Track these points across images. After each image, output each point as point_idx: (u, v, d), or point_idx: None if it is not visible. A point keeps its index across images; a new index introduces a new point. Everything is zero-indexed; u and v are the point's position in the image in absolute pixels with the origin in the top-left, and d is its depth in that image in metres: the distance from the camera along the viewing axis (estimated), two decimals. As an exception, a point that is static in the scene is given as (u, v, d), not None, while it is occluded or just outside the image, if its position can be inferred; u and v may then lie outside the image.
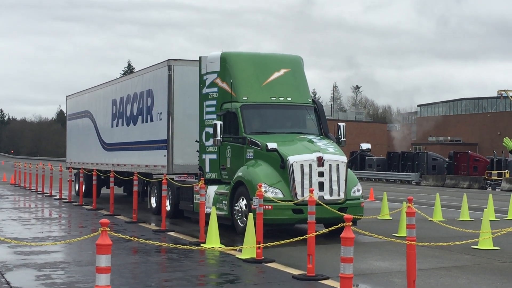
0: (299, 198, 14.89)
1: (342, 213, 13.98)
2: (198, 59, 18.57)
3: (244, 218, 15.49)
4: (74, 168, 30.08)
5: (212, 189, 17.22)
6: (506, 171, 49.75)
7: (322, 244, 14.22)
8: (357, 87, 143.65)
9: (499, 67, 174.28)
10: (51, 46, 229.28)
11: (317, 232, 10.74)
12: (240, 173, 16.02)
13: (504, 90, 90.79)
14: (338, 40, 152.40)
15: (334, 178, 15.38)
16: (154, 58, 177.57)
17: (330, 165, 15.36)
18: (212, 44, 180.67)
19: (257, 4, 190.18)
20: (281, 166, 15.33)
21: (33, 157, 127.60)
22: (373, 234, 11.63)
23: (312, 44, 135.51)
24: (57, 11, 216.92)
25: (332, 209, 13.72)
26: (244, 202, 15.69)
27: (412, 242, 9.73)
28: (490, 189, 45.76)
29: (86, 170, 26.85)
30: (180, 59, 20.44)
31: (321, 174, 15.28)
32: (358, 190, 16.04)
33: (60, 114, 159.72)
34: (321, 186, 15.26)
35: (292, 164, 15.17)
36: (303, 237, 10.60)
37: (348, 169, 15.90)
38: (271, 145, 15.24)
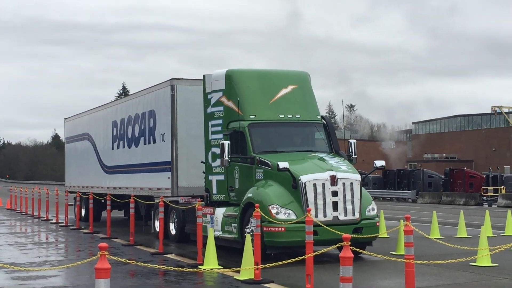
0: (313, 219, 14.52)
1: (357, 234, 13.87)
2: (201, 77, 18.13)
3: None
4: (70, 192, 29.94)
5: (220, 212, 16.66)
6: (502, 187, 49.82)
7: (321, 264, 14.19)
8: (352, 106, 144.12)
9: (490, 83, 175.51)
10: (41, 70, 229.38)
11: (315, 253, 10.72)
12: (250, 194, 15.44)
13: (498, 107, 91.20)
14: (328, 58, 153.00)
15: (348, 197, 14.90)
16: (146, 79, 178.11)
17: (343, 183, 14.88)
18: (203, 65, 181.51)
19: (245, 24, 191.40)
20: (293, 186, 14.82)
21: (29, 181, 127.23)
22: (371, 253, 11.62)
23: (302, 63, 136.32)
24: (45, 34, 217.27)
25: (346, 230, 13.62)
26: None
27: (410, 260, 9.74)
28: (487, 206, 45.76)
29: (86, 193, 26.56)
30: (183, 78, 20.01)
31: (334, 194, 14.80)
32: (373, 209, 15.55)
33: (55, 137, 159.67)
34: (335, 206, 14.77)
35: (304, 184, 14.67)
36: (301, 258, 10.58)
37: (362, 188, 15.42)
38: (283, 164, 14.72)
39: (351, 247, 9.58)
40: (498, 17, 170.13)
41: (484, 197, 49.01)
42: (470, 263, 14.33)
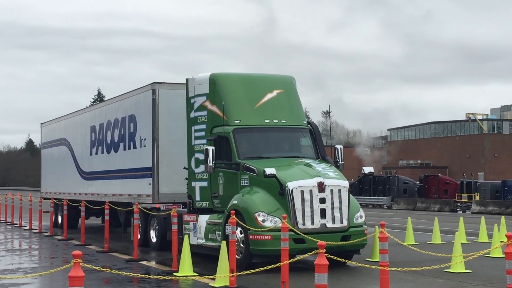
0: (300, 226, 14.10)
1: (345, 241, 13.86)
2: (182, 81, 17.85)
3: (240, 252, 14.52)
4: (45, 199, 29.57)
5: (204, 219, 16.22)
6: (476, 193, 50.25)
7: (297, 271, 14.18)
8: (328, 112, 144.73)
9: (464, 90, 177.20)
10: (15, 75, 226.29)
11: (291, 260, 10.71)
12: (235, 201, 15.02)
13: (472, 114, 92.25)
14: (304, 64, 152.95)
15: (336, 204, 14.59)
16: (121, 85, 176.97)
17: (331, 190, 14.58)
18: (178, 70, 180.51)
19: (220, 30, 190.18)
20: (280, 193, 14.49)
21: (1, 187, 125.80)
22: (346, 260, 11.63)
23: (279, 69, 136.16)
24: (19, 39, 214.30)
25: (334, 237, 13.77)
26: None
27: (385, 267, 9.76)
28: (461, 212, 46.12)
29: (61, 200, 26.17)
30: (165, 82, 19.66)
31: (322, 201, 14.48)
32: (361, 217, 15.28)
33: (29, 143, 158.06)
34: (323, 213, 14.44)
35: (292, 191, 14.33)
36: (276, 265, 10.57)
37: (350, 194, 15.13)
38: (269, 170, 14.35)
39: (333, 257, 9.53)
40: (471, 25, 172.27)
41: (459, 204, 49.41)
42: (445, 270, 14.42)
